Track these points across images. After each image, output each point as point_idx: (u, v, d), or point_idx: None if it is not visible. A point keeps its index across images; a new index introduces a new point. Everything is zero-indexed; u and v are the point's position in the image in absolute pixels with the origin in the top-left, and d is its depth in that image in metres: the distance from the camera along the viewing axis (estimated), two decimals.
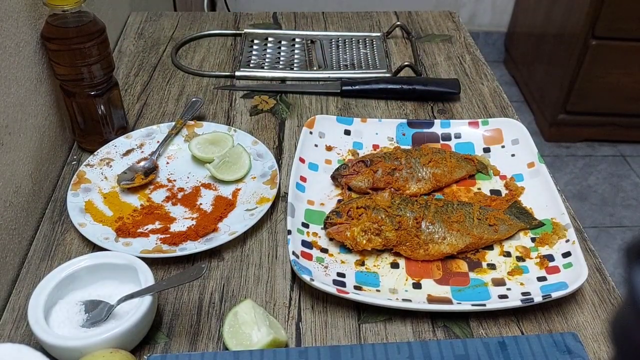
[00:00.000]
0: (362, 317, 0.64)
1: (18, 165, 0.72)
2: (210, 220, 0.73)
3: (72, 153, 0.86)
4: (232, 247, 0.72)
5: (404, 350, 0.57)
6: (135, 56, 1.07)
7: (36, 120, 0.77)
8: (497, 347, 0.57)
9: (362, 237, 0.68)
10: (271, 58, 1.07)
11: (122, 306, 0.60)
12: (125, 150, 0.83)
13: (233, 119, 0.93)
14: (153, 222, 0.74)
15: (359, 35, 1.13)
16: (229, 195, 0.78)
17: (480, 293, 0.65)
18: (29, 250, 0.72)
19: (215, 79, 1.02)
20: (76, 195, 0.75)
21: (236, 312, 0.61)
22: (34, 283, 0.65)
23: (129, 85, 0.99)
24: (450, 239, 0.69)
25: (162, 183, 0.80)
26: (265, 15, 1.21)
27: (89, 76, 0.77)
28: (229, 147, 0.82)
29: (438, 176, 0.78)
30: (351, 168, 0.78)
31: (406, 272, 0.68)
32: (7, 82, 0.69)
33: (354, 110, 0.95)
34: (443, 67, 1.07)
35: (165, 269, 0.69)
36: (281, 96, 0.98)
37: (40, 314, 0.57)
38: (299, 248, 0.68)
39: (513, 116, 0.93)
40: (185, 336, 0.62)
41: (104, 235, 0.70)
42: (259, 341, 0.58)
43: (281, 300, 0.66)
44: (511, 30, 2.63)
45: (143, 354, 0.60)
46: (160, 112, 0.94)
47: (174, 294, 0.66)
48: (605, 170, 2.19)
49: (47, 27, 0.75)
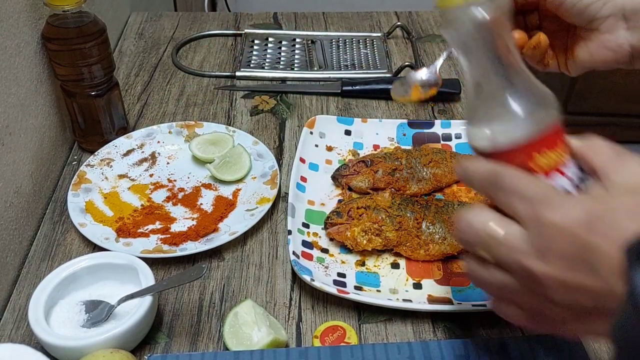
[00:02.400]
0: (363, 317, 0.64)
1: (19, 165, 0.72)
2: (211, 221, 0.73)
3: (73, 153, 0.86)
4: (232, 248, 0.72)
5: (405, 350, 0.57)
6: (136, 56, 1.07)
7: (37, 120, 0.77)
8: (497, 347, 0.57)
9: (363, 237, 0.68)
10: (271, 58, 1.07)
11: (123, 306, 0.60)
12: (126, 151, 0.83)
13: (233, 119, 0.93)
14: (153, 222, 0.74)
15: (359, 35, 1.13)
16: (229, 195, 0.78)
17: (481, 293, 0.65)
18: (29, 250, 0.72)
19: (216, 79, 1.02)
20: (76, 196, 0.75)
21: (236, 312, 0.61)
22: (35, 283, 0.65)
23: (129, 86, 0.99)
24: (451, 239, 0.69)
25: (162, 183, 0.80)
26: (265, 16, 1.21)
27: (89, 76, 0.77)
28: (230, 147, 0.82)
29: (438, 176, 0.78)
30: (352, 168, 0.78)
31: (407, 272, 0.68)
32: (8, 83, 0.69)
33: (355, 111, 0.95)
34: (443, 68, 1.06)
35: (166, 269, 0.69)
36: (281, 96, 0.98)
37: (40, 314, 0.57)
38: (299, 248, 0.68)
39: None
40: (186, 336, 0.62)
41: (104, 236, 0.70)
42: (259, 341, 0.58)
43: (281, 300, 0.66)
44: None
45: (143, 354, 0.60)
46: (161, 112, 0.94)
47: (175, 294, 0.66)
48: None
49: (48, 27, 0.75)
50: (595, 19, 0.55)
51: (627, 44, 0.55)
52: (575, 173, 0.44)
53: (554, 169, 0.43)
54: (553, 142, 0.44)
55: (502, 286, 0.40)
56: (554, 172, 0.43)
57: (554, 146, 0.44)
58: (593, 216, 0.35)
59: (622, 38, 0.55)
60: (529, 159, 0.43)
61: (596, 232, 0.34)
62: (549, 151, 0.43)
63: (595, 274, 0.34)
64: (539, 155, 0.43)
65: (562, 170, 0.43)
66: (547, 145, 0.43)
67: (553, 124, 0.45)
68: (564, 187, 0.43)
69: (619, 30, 0.55)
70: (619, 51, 0.56)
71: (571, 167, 0.44)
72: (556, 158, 0.43)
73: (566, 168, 0.43)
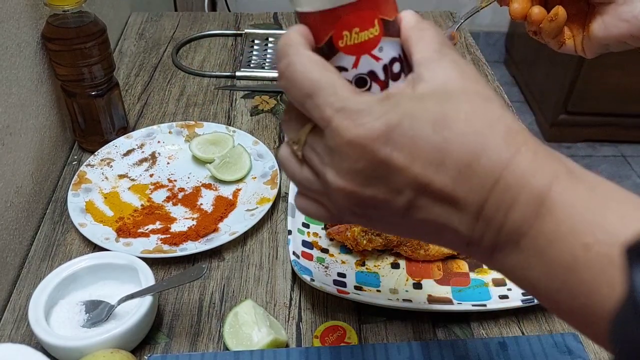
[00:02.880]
0: (363, 317, 0.64)
1: (19, 165, 0.72)
2: (211, 221, 0.73)
3: (73, 153, 0.86)
4: (232, 248, 0.72)
5: (405, 350, 0.57)
6: (136, 56, 1.07)
7: (37, 120, 0.77)
8: (497, 347, 0.57)
9: (363, 237, 0.68)
10: (272, 58, 1.07)
11: (123, 306, 0.60)
12: (126, 151, 0.83)
13: (233, 119, 0.93)
14: (154, 222, 0.74)
15: None
16: (229, 195, 0.78)
17: (481, 293, 0.65)
18: (29, 250, 0.72)
19: (216, 79, 1.02)
20: (77, 196, 0.75)
21: (236, 312, 0.61)
22: (35, 283, 0.65)
23: (129, 86, 0.99)
24: None
25: (162, 183, 0.80)
26: (265, 16, 1.21)
27: (89, 76, 0.78)
28: (230, 147, 0.82)
29: None
30: None
31: (407, 272, 0.68)
32: (8, 83, 0.69)
33: None
34: None
35: (166, 269, 0.69)
36: (282, 96, 0.98)
37: (40, 314, 0.57)
38: (299, 248, 0.68)
39: None
40: (186, 336, 0.62)
41: (104, 236, 0.70)
42: (259, 341, 0.58)
43: (281, 300, 0.66)
44: (512, 30, 2.63)
45: (143, 354, 0.60)
46: (161, 112, 0.94)
47: (175, 294, 0.66)
48: (606, 171, 2.19)
49: (48, 27, 0.75)
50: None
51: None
52: (392, 58, 0.37)
53: (365, 52, 0.36)
54: (369, 18, 0.36)
55: (307, 185, 0.38)
56: (366, 55, 0.36)
57: (370, 24, 0.36)
58: (391, 125, 0.32)
59: (638, 9, 0.56)
60: (338, 37, 0.36)
61: (392, 145, 0.32)
62: (362, 30, 0.36)
63: (388, 187, 0.33)
64: (348, 33, 0.36)
65: (375, 55, 0.37)
66: (360, 23, 0.36)
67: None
68: (374, 74, 0.37)
69: (635, 2, 0.56)
70: (635, 22, 0.57)
71: (389, 52, 0.37)
72: (369, 38, 0.36)
73: (382, 52, 0.37)
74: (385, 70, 0.37)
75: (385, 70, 0.37)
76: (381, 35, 0.36)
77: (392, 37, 0.37)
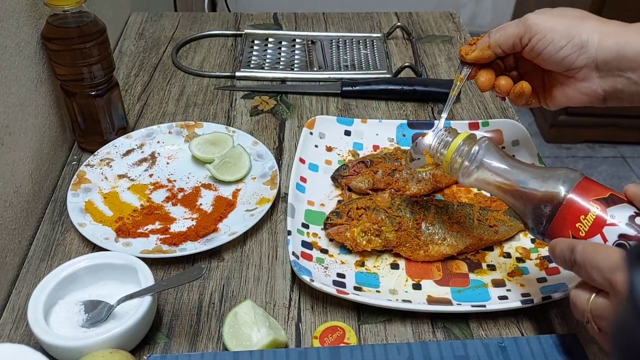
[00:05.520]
0: (362, 317, 0.64)
1: (18, 165, 0.72)
2: (210, 221, 0.73)
3: (72, 153, 0.86)
4: (232, 248, 0.72)
5: (404, 351, 0.57)
6: (136, 56, 1.07)
7: (36, 120, 0.77)
8: (497, 348, 0.57)
9: (362, 237, 0.68)
10: (271, 58, 1.07)
11: (122, 306, 0.60)
12: (126, 151, 0.83)
13: (233, 119, 0.93)
14: (153, 222, 0.74)
15: (359, 35, 1.13)
16: (229, 195, 0.78)
17: (480, 294, 0.65)
18: (29, 250, 0.72)
19: (216, 80, 1.02)
20: (76, 196, 0.75)
21: (236, 312, 0.61)
22: (34, 283, 0.65)
23: (129, 86, 0.99)
24: (450, 240, 0.69)
25: (162, 183, 0.80)
26: (265, 16, 1.21)
27: (89, 76, 0.77)
28: (229, 148, 0.82)
29: (438, 177, 0.78)
30: (351, 169, 0.78)
31: (406, 272, 0.68)
32: (8, 82, 0.69)
33: (354, 111, 0.95)
34: (443, 68, 1.07)
35: (165, 269, 0.69)
36: (281, 97, 0.98)
37: (40, 314, 0.57)
38: (299, 249, 0.68)
39: (513, 117, 0.93)
40: (185, 336, 0.62)
41: (104, 236, 0.70)
42: (258, 342, 0.58)
43: (281, 300, 0.66)
44: None
45: (143, 354, 0.60)
46: (161, 112, 0.94)
47: (174, 294, 0.66)
48: (605, 172, 2.19)
49: (48, 27, 0.75)
50: (571, 69, 0.61)
51: (600, 89, 0.61)
52: (625, 217, 0.51)
53: (598, 229, 0.52)
54: (583, 207, 0.53)
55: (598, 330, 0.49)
56: (599, 230, 0.52)
57: (586, 211, 0.52)
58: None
59: (595, 85, 0.62)
60: (574, 232, 0.53)
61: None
62: (584, 217, 0.52)
63: None
64: (579, 224, 0.52)
65: (610, 223, 0.52)
66: (580, 212, 0.52)
67: (577, 191, 0.53)
68: (624, 236, 0.51)
69: (592, 79, 0.61)
70: (593, 95, 0.62)
71: (617, 216, 0.52)
72: (594, 218, 0.52)
73: (614, 219, 0.52)
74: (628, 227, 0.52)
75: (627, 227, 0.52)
76: (602, 209, 0.52)
77: (616, 204, 0.53)
